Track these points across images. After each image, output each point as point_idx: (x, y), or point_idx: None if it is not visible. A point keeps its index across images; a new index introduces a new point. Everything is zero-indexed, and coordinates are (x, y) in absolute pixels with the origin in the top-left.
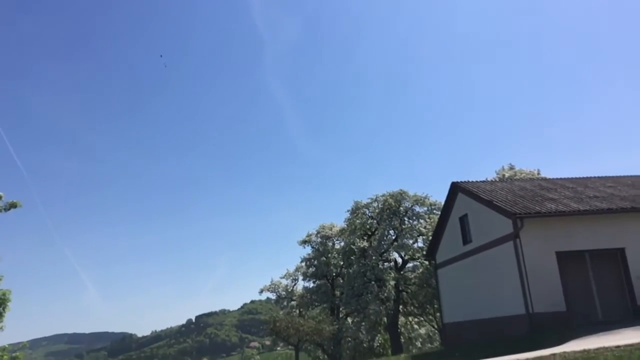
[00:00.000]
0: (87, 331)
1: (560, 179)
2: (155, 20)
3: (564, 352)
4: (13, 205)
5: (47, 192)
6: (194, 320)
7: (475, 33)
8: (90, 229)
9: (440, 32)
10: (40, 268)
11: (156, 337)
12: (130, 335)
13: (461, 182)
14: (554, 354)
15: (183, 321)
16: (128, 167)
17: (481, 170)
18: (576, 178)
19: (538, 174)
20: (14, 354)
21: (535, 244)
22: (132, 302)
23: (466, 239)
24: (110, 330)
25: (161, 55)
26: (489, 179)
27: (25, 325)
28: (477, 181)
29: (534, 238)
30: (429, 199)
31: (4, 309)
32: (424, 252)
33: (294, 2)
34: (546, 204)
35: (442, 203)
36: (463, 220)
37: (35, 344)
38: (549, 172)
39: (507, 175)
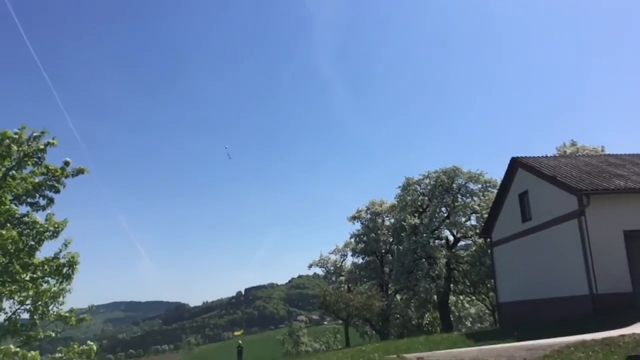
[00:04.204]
0: (142, 300)
1: (629, 154)
2: None
3: (634, 334)
4: (80, 171)
5: (102, 161)
6: (243, 293)
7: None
8: (142, 199)
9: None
10: (98, 237)
11: (207, 307)
12: (183, 305)
13: (521, 157)
14: (622, 335)
15: (233, 293)
16: (173, 140)
17: (538, 147)
18: None
19: (602, 150)
20: (81, 316)
21: (602, 222)
22: (185, 272)
23: (526, 217)
24: (164, 299)
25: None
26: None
27: (85, 292)
28: (538, 156)
29: (601, 216)
30: (483, 176)
31: (72, 271)
32: (478, 231)
33: None
34: (614, 181)
35: (498, 181)
36: (523, 197)
37: (93, 311)
38: (613, 150)
39: (568, 151)
